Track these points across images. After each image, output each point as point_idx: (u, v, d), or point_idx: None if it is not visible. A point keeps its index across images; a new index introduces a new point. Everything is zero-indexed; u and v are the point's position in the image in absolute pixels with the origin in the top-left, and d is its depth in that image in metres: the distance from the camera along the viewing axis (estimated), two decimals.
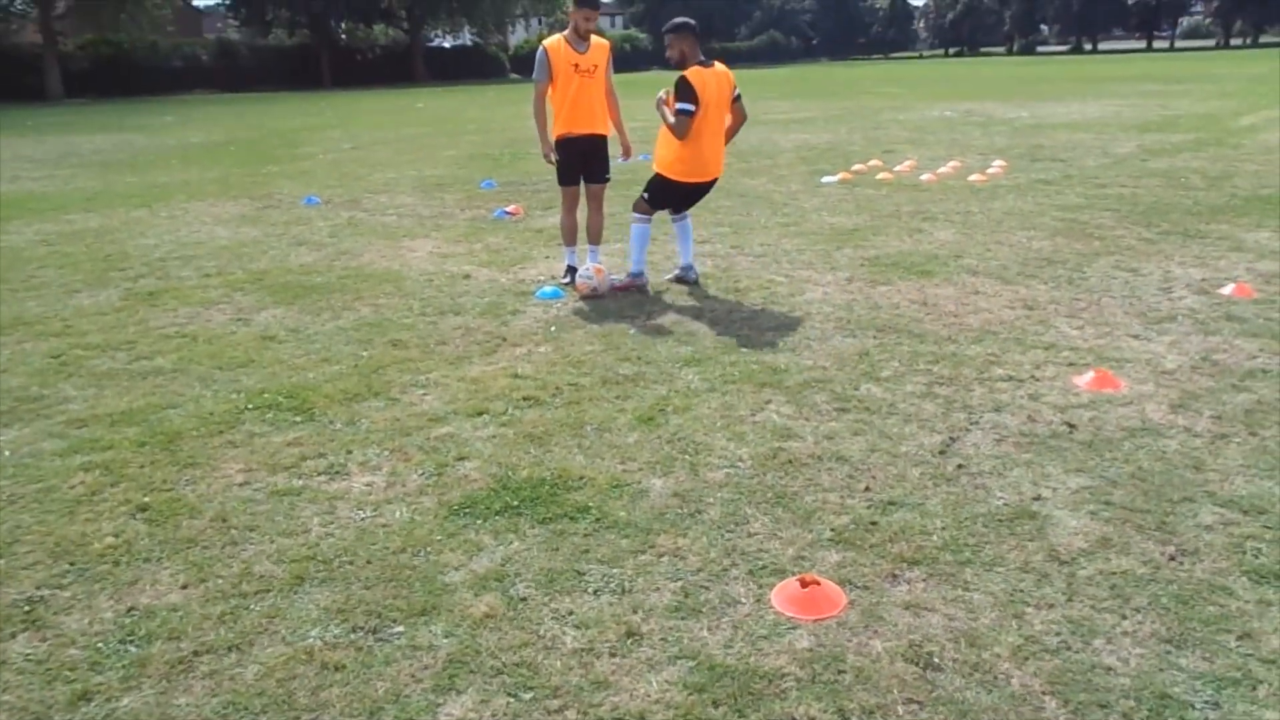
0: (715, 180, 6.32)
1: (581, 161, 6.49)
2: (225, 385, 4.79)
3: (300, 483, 3.71)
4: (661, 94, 6.13)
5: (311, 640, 2.71)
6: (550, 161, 6.47)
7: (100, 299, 6.57)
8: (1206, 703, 2.38)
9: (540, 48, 6.33)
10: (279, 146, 17.78)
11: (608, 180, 6.65)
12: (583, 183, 6.58)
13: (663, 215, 6.62)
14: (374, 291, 6.61)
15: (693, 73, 5.90)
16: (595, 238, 6.71)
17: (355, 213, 9.97)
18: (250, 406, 4.48)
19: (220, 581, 3.01)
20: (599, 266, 6.44)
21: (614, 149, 6.61)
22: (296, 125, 23.42)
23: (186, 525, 3.37)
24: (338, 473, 3.79)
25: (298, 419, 4.34)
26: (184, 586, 2.98)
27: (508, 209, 9.65)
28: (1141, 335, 5.19)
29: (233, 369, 5.03)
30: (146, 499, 3.56)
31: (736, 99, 6.20)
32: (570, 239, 6.73)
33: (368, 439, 4.10)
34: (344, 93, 44.28)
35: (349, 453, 3.96)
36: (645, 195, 6.33)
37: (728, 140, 6.29)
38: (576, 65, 6.23)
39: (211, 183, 12.67)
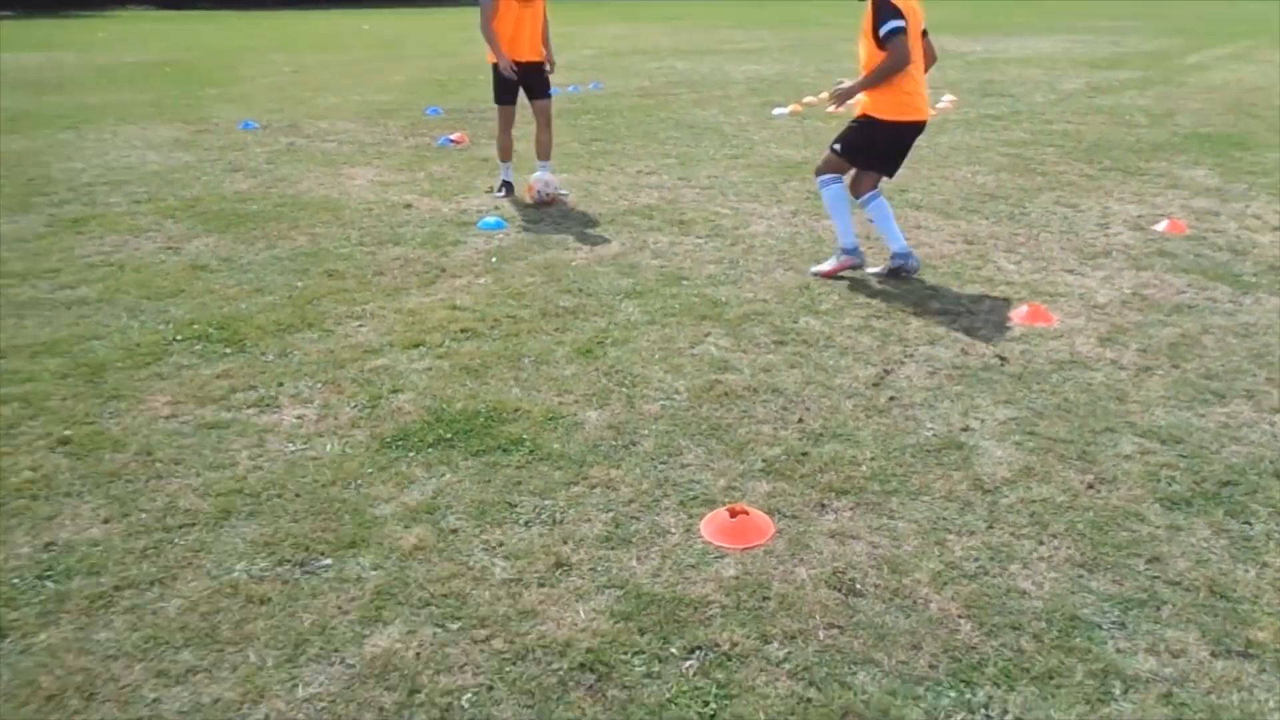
0: (925, 125, 5.08)
1: (521, 84, 6.78)
2: (153, 316, 4.66)
3: (229, 415, 3.64)
4: (836, 83, 5.24)
5: (237, 574, 2.69)
6: (511, 72, 6.62)
7: (22, 225, 6.32)
8: (1113, 623, 2.47)
9: None
10: (217, 68, 17.14)
11: (550, 97, 6.96)
12: (531, 103, 6.86)
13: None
14: (311, 220, 6.45)
15: None
16: (545, 153, 7.02)
17: (294, 139, 9.68)
18: (179, 338, 4.37)
19: (143, 516, 2.96)
20: (548, 179, 6.85)
21: None
22: (236, 45, 22.56)
23: (109, 459, 3.30)
24: (268, 405, 3.73)
25: (228, 350, 4.25)
26: (105, 521, 2.93)
27: (452, 137, 9.44)
28: (1076, 270, 5.25)
29: (161, 299, 4.90)
30: (68, 432, 3.47)
31: (924, 34, 5.04)
32: (505, 155, 7.07)
33: (300, 371, 4.04)
34: (288, 10, 42.71)
35: (280, 385, 3.90)
36: (836, 147, 5.16)
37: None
38: None
39: (144, 105, 12.19)
